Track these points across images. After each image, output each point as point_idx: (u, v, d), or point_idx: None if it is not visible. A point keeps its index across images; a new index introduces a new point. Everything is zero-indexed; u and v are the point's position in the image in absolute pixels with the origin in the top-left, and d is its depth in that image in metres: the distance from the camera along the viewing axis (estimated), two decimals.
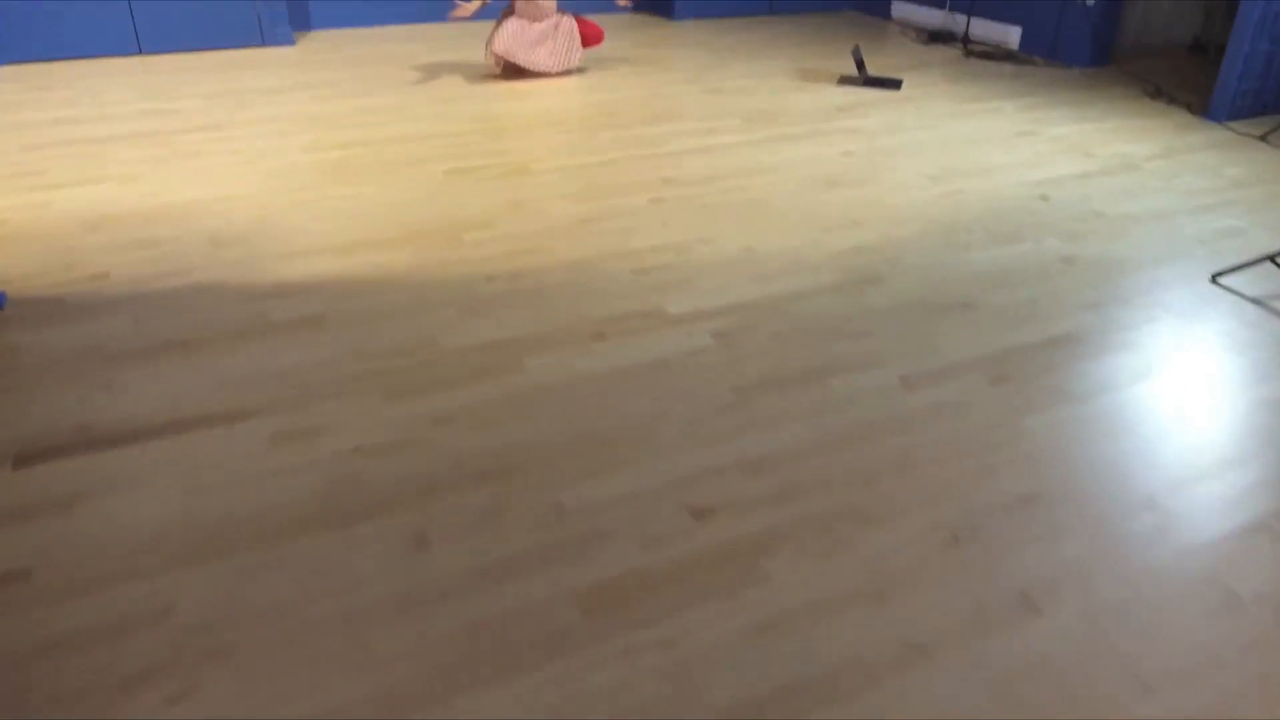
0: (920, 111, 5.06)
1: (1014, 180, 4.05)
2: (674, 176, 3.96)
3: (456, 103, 4.95)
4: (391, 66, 5.69)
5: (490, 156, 4.13)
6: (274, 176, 3.82)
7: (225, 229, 3.31)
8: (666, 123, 4.72)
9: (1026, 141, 4.60)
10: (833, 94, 5.36)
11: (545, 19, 5.43)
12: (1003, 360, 2.60)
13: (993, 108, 5.19)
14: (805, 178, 3.99)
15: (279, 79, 5.34)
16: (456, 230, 3.34)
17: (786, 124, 4.75)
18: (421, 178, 3.86)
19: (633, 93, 5.27)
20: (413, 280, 2.96)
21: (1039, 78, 5.92)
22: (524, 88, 5.29)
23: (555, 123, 4.67)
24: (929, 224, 3.54)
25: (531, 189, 3.77)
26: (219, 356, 2.50)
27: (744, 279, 3.04)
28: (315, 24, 6.58)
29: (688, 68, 5.91)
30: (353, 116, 4.66)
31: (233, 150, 4.12)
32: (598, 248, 3.24)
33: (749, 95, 5.29)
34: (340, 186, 3.73)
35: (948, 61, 6.29)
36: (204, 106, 4.77)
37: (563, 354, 2.56)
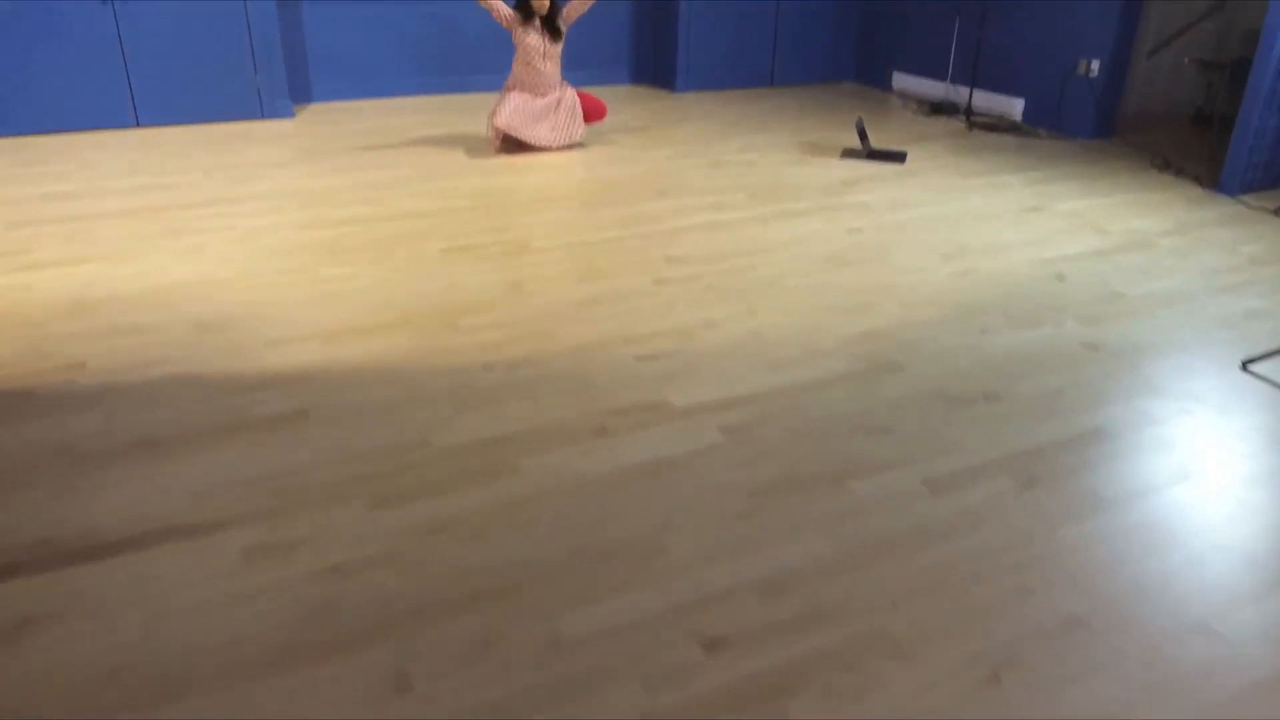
0: (926, 185, 4.98)
1: (1028, 258, 3.94)
2: (678, 255, 3.84)
3: (456, 178, 4.88)
4: (391, 139, 5.64)
5: (489, 234, 4.02)
6: (266, 256, 3.71)
7: (211, 313, 3.17)
8: (670, 198, 4.63)
9: (1037, 217, 4.50)
10: (837, 167, 5.30)
11: (549, 93, 5.39)
12: (1031, 459, 2.44)
13: (1000, 181, 5.12)
14: (813, 256, 3.87)
15: (277, 153, 5.28)
16: (453, 314, 3.21)
17: (791, 199, 4.67)
18: (418, 257, 3.74)
19: (635, 167, 5.20)
20: (405, 370, 2.81)
21: (1044, 150, 5.87)
22: (524, 162, 5.22)
23: (556, 198, 4.58)
24: (944, 306, 3.41)
25: (531, 268, 3.65)
26: (194, 458, 2.34)
27: (753, 367, 2.89)
28: (316, 96, 6.57)
29: (690, 140, 5.86)
30: (350, 192, 4.58)
31: (226, 228, 4.02)
32: (600, 332, 3.11)
33: (753, 169, 5.22)
34: (334, 267, 3.61)
35: (951, 134, 6.25)
36: (199, 181, 4.69)
37: (562, 453, 2.39)
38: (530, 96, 5.35)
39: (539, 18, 5.24)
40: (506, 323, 3.16)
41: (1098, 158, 5.72)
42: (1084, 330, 3.26)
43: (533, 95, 5.36)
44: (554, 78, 5.38)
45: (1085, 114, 6.16)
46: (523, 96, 5.33)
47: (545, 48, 5.27)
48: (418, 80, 6.87)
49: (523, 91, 5.36)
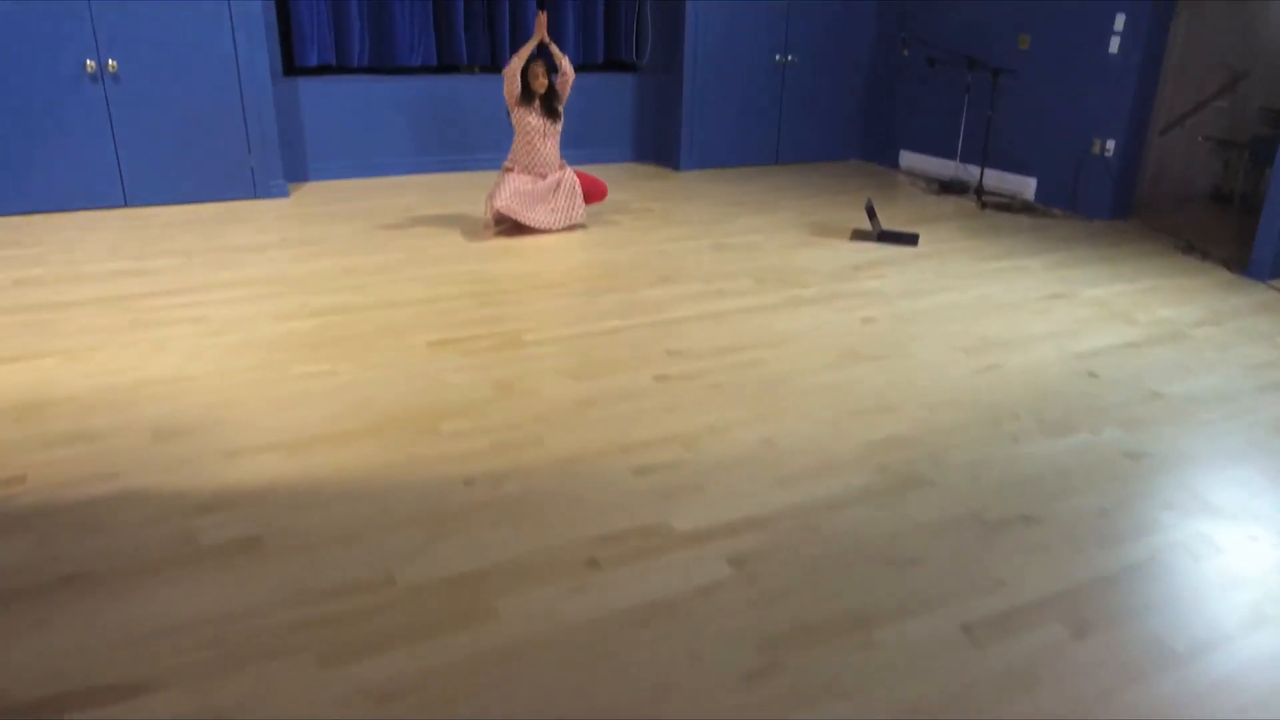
0: (941, 270, 4.76)
1: (1055, 353, 3.68)
2: (681, 348, 3.59)
3: (449, 262, 4.67)
4: (385, 220, 5.46)
5: (480, 325, 3.78)
6: (238, 352, 3.46)
7: (170, 418, 2.91)
8: (672, 284, 4.40)
9: (1061, 305, 4.26)
10: (847, 250, 5.08)
11: (548, 174, 5.23)
12: (1082, 598, 2.13)
13: (1018, 266, 4.89)
14: (825, 350, 3.62)
15: (265, 235, 5.10)
16: (434, 419, 2.94)
17: (800, 285, 4.44)
18: (402, 351, 3.49)
19: (636, 250, 4.99)
20: (376, 486, 2.54)
21: (1061, 231, 5.66)
22: (522, 245, 5.02)
23: (553, 284, 4.36)
24: (969, 408, 3.14)
25: (523, 365, 3.40)
26: (128, 599, 2.04)
27: (763, 481, 2.61)
28: (313, 175, 6.43)
29: (694, 221, 5.68)
30: (335, 278, 4.36)
31: (199, 318, 3.79)
32: (595, 440, 2.83)
33: (758, 252, 5.01)
34: (310, 363, 3.36)
35: (962, 214, 6.06)
36: (179, 266, 4.49)
37: (546, 591, 2.10)
38: (530, 178, 5.19)
39: (538, 98, 5.11)
40: (493, 428, 2.89)
41: (1118, 240, 5.51)
42: (1124, 437, 2.97)
43: (532, 176, 5.20)
44: (553, 158, 5.22)
45: (1102, 194, 5.97)
46: (522, 178, 5.16)
47: (545, 128, 5.13)
48: (416, 159, 6.74)
49: (522, 172, 5.20)
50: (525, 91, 5.08)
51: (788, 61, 7.35)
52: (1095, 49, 5.84)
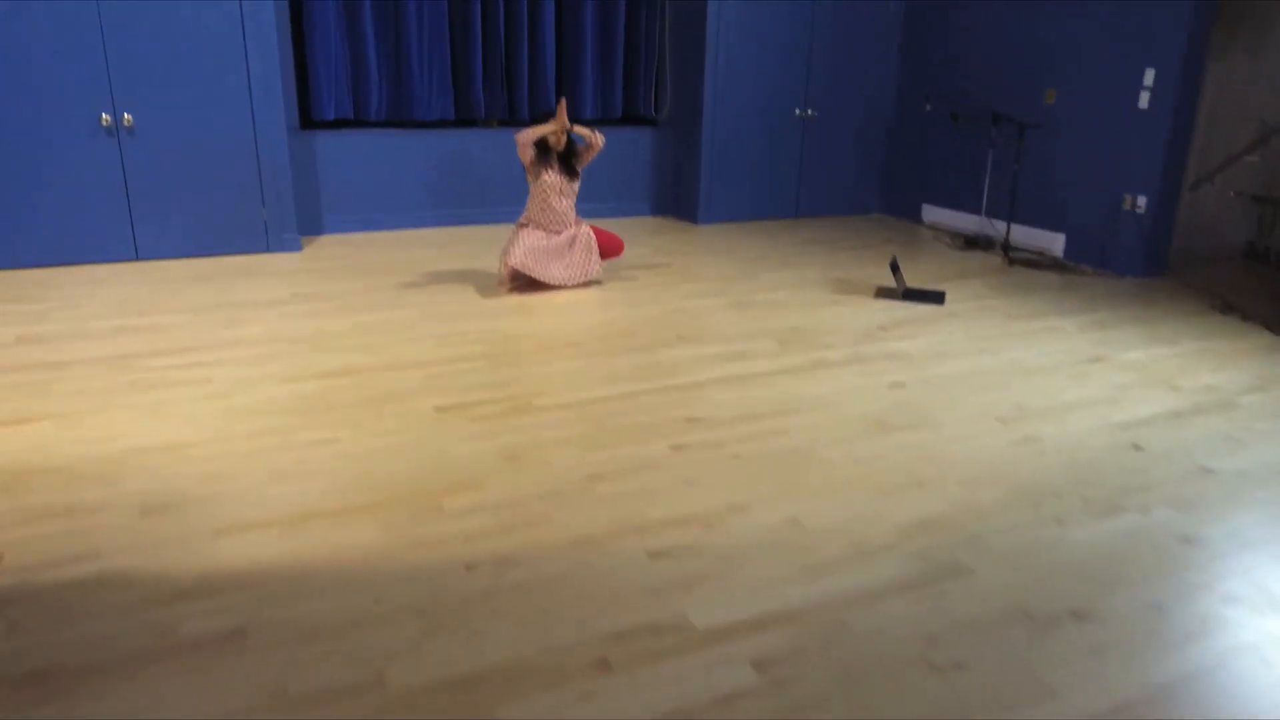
0: (970, 331, 4.58)
1: (1096, 423, 3.48)
2: (700, 415, 3.42)
3: (461, 320, 4.54)
4: (399, 276, 5.36)
5: (490, 389, 3.63)
6: (238, 416, 3.32)
7: (161, 491, 2.76)
8: (691, 344, 4.25)
9: (1098, 370, 4.06)
10: (871, 309, 4.92)
11: (564, 230, 5.12)
12: (1142, 712, 1.92)
13: (1050, 327, 4.70)
14: (852, 418, 3.43)
15: (276, 290, 5.00)
16: (438, 493, 2.78)
17: (824, 346, 4.27)
18: (407, 417, 3.34)
19: (653, 307, 4.85)
20: (371, 570, 2.36)
21: (1092, 290, 5.48)
22: (537, 302, 4.90)
23: (567, 344, 4.21)
24: (1009, 486, 2.94)
25: (533, 432, 3.23)
26: (93, 700, 1.87)
27: (789, 569, 2.41)
28: (327, 228, 6.37)
29: (713, 277, 5.54)
30: (345, 336, 4.24)
31: (201, 380, 3.66)
32: (607, 519, 2.65)
33: (781, 310, 4.86)
34: (311, 429, 3.21)
35: (989, 270, 5.90)
36: (186, 323, 4.38)
37: (550, 699, 1.91)
38: (545, 234, 5.09)
39: (556, 155, 5.02)
40: (499, 504, 2.72)
41: (1152, 299, 5.32)
42: (1176, 518, 2.76)
43: (547, 233, 5.09)
44: (569, 215, 5.12)
45: (1134, 251, 5.80)
46: (537, 234, 5.06)
47: (562, 185, 5.04)
48: (431, 213, 6.68)
49: (537, 229, 5.10)
50: (543, 147, 5.00)
51: (808, 115, 7.27)
52: (1124, 104, 5.71)
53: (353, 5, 6.08)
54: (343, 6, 6.08)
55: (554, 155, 5.02)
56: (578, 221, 5.19)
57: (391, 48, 6.30)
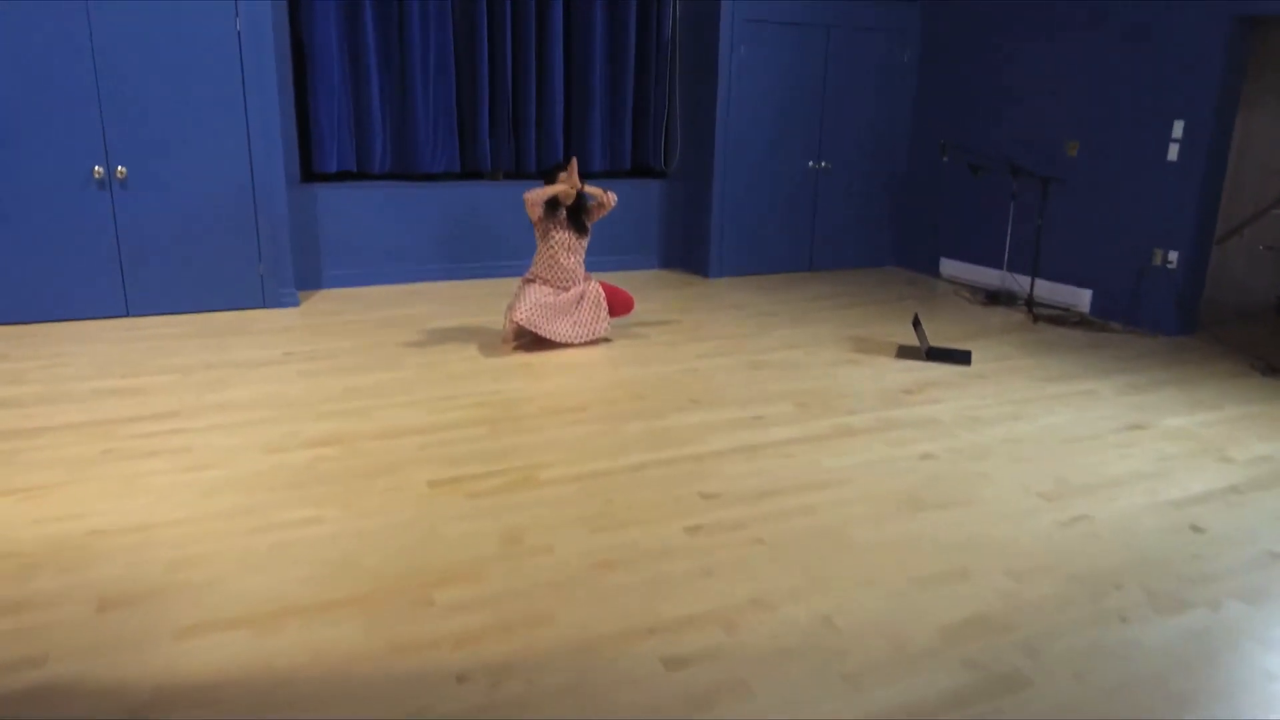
0: (1000, 394, 4.32)
1: (1147, 499, 3.20)
2: (716, 490, 3.15)
3: (463, 380, 4.30)
4: (399, 333, 5.14)
5: (490, 460, 3.37)
6: (217, 491, 3.07)
7: (124, 581, 2.49)
8: (705, 409, 3.99)
9: (1142, 439, 3.79)
10: (894, 370, 4.67)
11: (572, 286, 4.91)
12: None
13: (1085, 390, 4.44)
14: (882, 495, 3.16)
15: (269, 349, 4.77)
16: (429, 584, 2.51)
17: (846, 410, 4.01)
18: (401, 492, 3.08)
19: (665, 367, 4.61)
20: (351, 682, 2.08)
21: (1124, 349, 5.22)
22: (541, 362, 4.66)
23: (574, 409, 3.96)
24: (1061, 576, 2.65)
25: (535, 511, 2.97)
26: None
27: (823, 679, 2.13)
28: (326, 282, 6.17)
29: (726, 335, 5.30)
30: (338, 400, 4.00)
31: (181, 449, 3.41)
32: (616, 616, 2.37)
33: (798, 371, 4.61)
34: (295, 507, 2.95)
35: (1013, 328, 5.65)
36: (171, 385, 4.15)
37: None
38: (552, 290, 4.87)
39: (564, 210, 4.84)
40: (495, 597, 2.45)
41: (1187, 358, 5.06)
42: (1249, 613, 2.47)
43: (554, 289, 4.88)
44: (578, 272, 4.92)
45: (1165, 308, 5.55)
46: (543, 290, 4.85)
47: (570, 241, 4.84)
48: (435, 267, 6.48)
49: (544, 284, 4.89)
50: (552, 204, 4.81)
51: (821, 166, 7.11)
52: (1152, 156, 5.52)
53: (357, 55, 5.95)
54: (347, 57, 5.96)
55: (563, 211, 4.84)
56: (586, 278, 4.98)
57: (396, 98, 6.17)
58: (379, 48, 6.02)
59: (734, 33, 6.53)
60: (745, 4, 6.51)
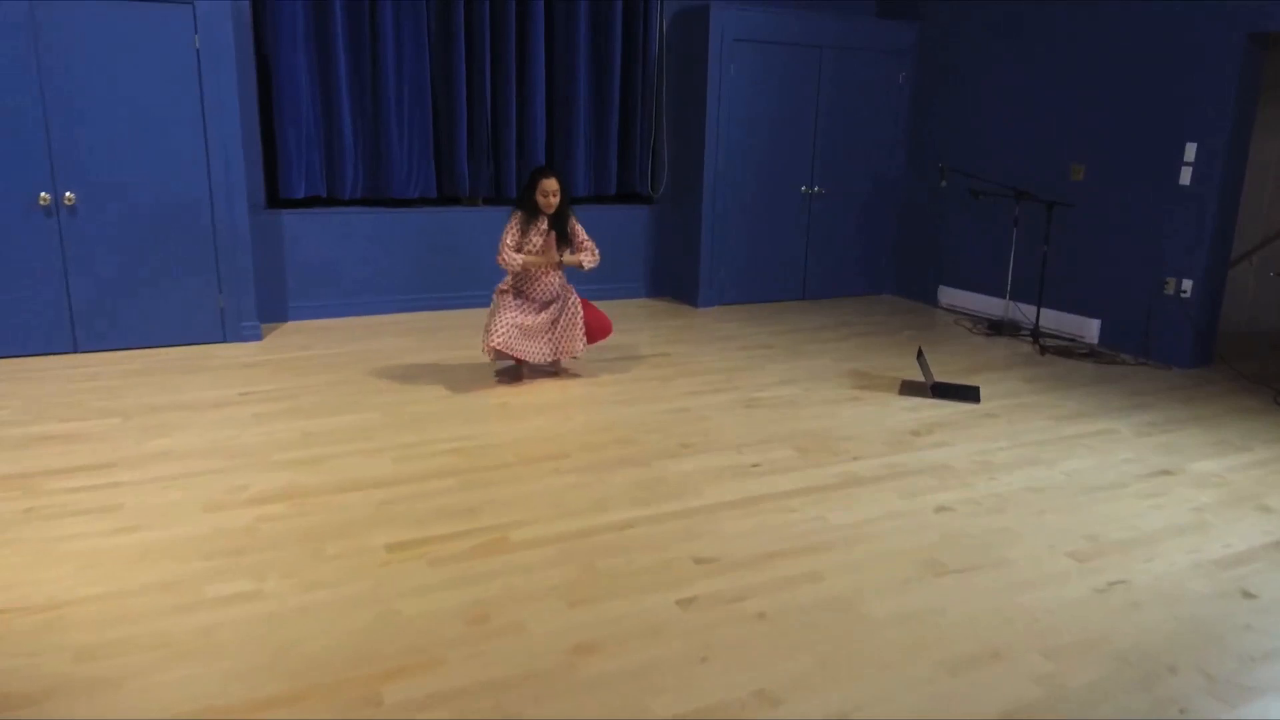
0: (1015, 435, 4.01)
1: (1188, 558, 2.88)
2: (711, 554, 2.81)
3: (432, 423, 3.96)
4: (367, 369, 4.79)
5: (457, 518, 3.02)
6: (145, 559, 2.71)
7: (18, 678, 2.13)
8: (697, 453, 3.66)
9: (1172, 487, 3.48)
10: (898, 408, 4.35)
11: (550, 301, 4.55)
12: None
13: (1104, 429, 4.13)
14: (897, 555, 2.83)
15: (224, 388, 4.42)
16: (377, 678, 2.15)
17: (851, 456, 3.69)
18: (352, 560, 2.73)
19: (652, 406, 4.27)
20: None
21: (1139, 383, 4.93)
22: (519, 402, 4.32)
23: (553, 455, 3.62)
24: (1107, 655, 2.32)
25: (507, 580, 2.62)
26: None
27: None
28: (293, 314, 5.82)
29: (718, 369, 4.98)
30: (293, 447, 3.64)
31: (111, 507, 3.05)
32: (597, 713, 2.02)
33: (796, 410, 4.28)
34: (231, 579, 2.59)
35: (1020, 360, 5.35)
36: (112, 431, 3.78)
37: None
38: (528, 305, 4.52)
39: (546, 218, 4.50)
40: (456, 693, 2.09)
41: (1207, 392, 4.77)
42: None
43: (531, 302, 4.53)
44: (555, 285, 4.57)
45: (1179, 339, 5.27)
46: (519, 308, 4.49)
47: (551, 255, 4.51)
48: (409, 297, 6.15)
49: (520, 298, 4.53)
50: (529, 208, 4.47)
51: (815, 191, 6.83)
52: (1163, 180, 5.26)
53: (328, 75, 5.64)
54: (317, 77, 5.65)
55: (544, 219, 4.49)
56: (565, 289, 4.63)
57: (369, 121, 5.86)
58: (351, 67, 5.72)
59: (723, 53, 6.27)
60: (734, 24, 6.25)
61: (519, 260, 4.40)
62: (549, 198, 4.44)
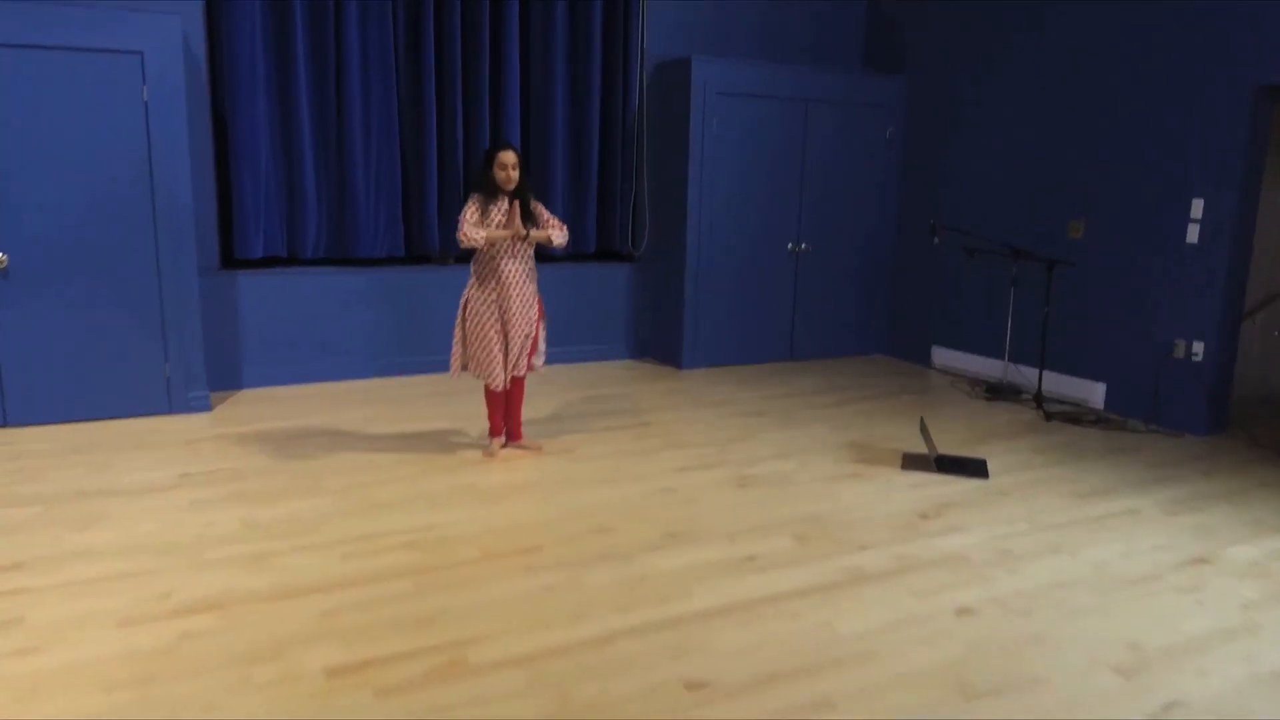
0: (1032, 517, 3.66)
1: (1245, 669, 2.52)
2: (704, 676, 2.43)
3: (390, 511, 3.56)
4: (323, 444, 4.40)
5: (411, 632, 2.62)
6: (39, 689, 2.29)
7: None
8: (684, 545, 3.29)
9: (1210, 579, 3.13)
10: (903, 486, 4.01)
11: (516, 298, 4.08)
12: None
13: (1126, 509, 3.80)
14: (918, 676, 2.45)
15: (163, 468, 4.01)
16: None
17: (857, 545, 3.32)
18: (284, 688, 2.32)
19: (635, 486, 3.91)
20: None
21: (1154, 453, 4.61)
22: (488, 483, 3.94)
23: (523, 549, 3.23)
24: None
25: (465, 713, 2.22)
26: None
27: None
28: (248, 381, 5.43)
29: (704, 441, 4.62)
30: (232, 540, 3.24)
31: (11, 622, 2.63)
32: None
33: (793, 489, 3.93)
34: (137, 715, 2.18)
35: (1025, 428, 5.03)
36: (29, 521, 3.37)
37: None
38: (494, 313, 4.08)
39: (506, 196, 4.05)
40: None
41: (1228, 463, 4.46)
42: None
43: (496, 304, 4.09)
44: (524, 280, 4.10)
45: (1191, 404, 4.98)
46: (484, 320, 4.08)
47: (514, 245, 4.05)
48: (375, 362, 5.77)
49: (484, 305, 4.09)
50: (487, 188, 4.03)
51: (801, 248, 6.56)
52: (1169, 238, 5.02)
53: (288, 126, 5.33)
54: (278, 131, 5.34)
55: (504, 200, 4.03)
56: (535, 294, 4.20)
57: (334, 176, 5.54)
58: (315, 119, 5.41)
59: (705, 106, 6.03)
60: (717, 77, 6.03)
61: (481, 235, 3.95)
62: (508, 170, 3.98)
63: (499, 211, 4.05)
